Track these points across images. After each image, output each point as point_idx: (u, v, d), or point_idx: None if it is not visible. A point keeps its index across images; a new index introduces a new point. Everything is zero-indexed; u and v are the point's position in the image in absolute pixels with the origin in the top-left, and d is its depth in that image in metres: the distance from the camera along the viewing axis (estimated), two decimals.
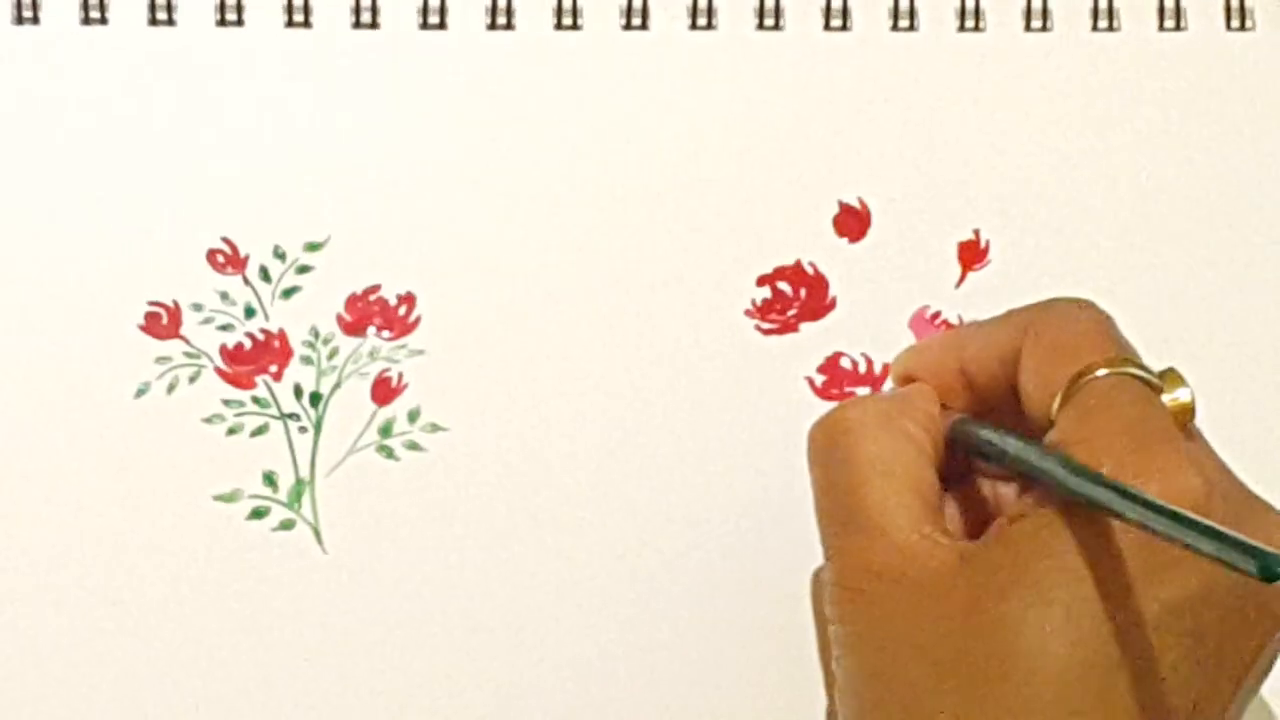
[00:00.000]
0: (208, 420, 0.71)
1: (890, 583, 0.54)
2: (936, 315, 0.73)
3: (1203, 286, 0.74)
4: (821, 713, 0.71)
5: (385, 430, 0.72)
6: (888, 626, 0.53)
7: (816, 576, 0.62)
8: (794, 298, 0.73)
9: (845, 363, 0.73)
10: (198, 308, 0.72)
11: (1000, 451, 0.57)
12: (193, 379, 0.71)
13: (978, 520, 0.60)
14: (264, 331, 0.72)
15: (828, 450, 0.60)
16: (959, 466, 0.62)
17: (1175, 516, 0.46)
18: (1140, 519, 0.47)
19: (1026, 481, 0.57)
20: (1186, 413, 0.56)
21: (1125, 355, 0.57)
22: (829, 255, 0.74)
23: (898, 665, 0.53)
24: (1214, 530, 0.44)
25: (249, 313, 0.72)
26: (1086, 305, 0.60)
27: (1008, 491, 0.62)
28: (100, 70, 0.72)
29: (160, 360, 0.71)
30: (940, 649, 0.52)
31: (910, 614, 0.53)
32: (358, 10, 0.73)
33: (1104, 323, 0.58)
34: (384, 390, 0.72)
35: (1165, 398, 0.56)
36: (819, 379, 0.73)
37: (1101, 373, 0.55)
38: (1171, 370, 0.58)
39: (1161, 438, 0.52)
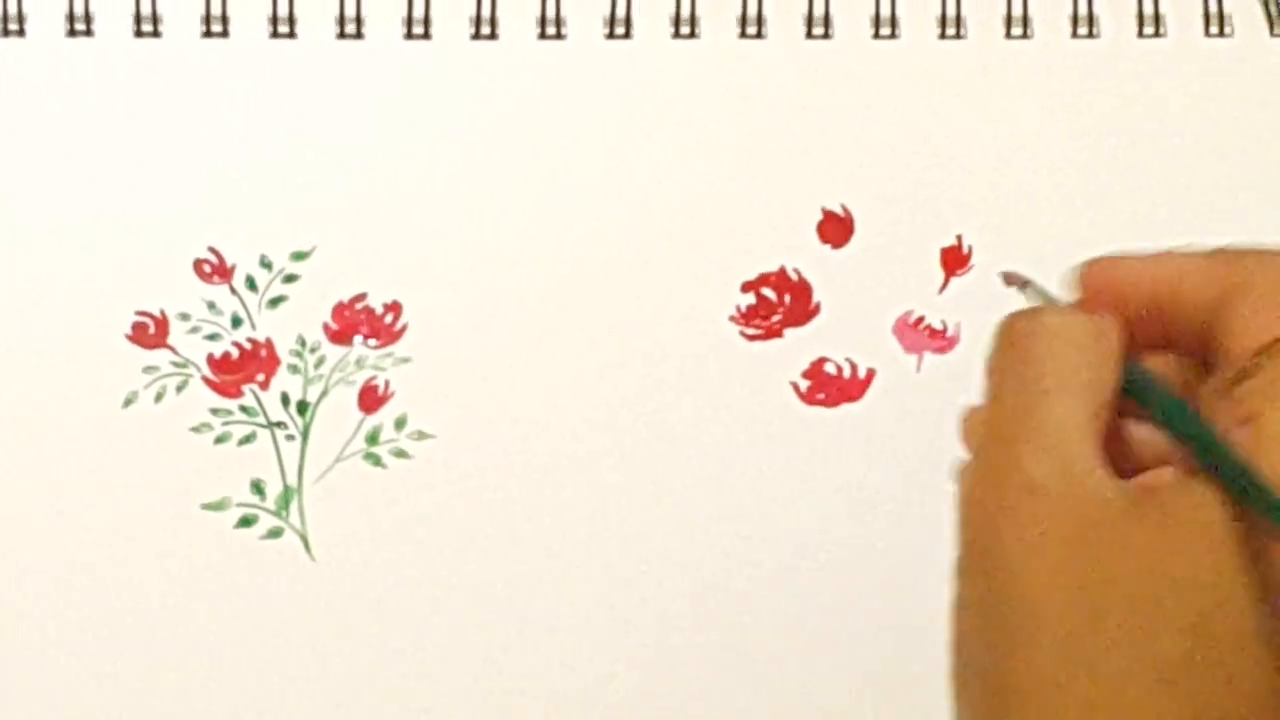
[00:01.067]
0: (195, 429, 0.72)
1: (1050, 504, 0.50)
2: (920, 320, 0.74)
3: None
4: (812, 709, 0.71)
5: (372, 438, 0.72)
6: (1037, 551, 0.51)
7: (959, 485, 0.58)
8: (778, 304, 0.74)
9: (830, 368, 0.74)
10: (185, 317, 0.72)
11: (1163, 411, 0.53)
12: (180, 388, 0.72)
13: (1122, 457, 0.57)
14: (251, 340, 0.72)
15: (1015, 351, 0.54)
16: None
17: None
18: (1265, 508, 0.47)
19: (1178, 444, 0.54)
20: None
21: None
22: (813, 261, 0.74)
23: (1044, 595, 0.50)
24: None
25: (236, 322, 0.72)
26: None
27: (1154, 439, 0.58)
28: (85, 81, 0.72)
29: (148, 370, 0.72)
30: (1102, 589, 0.49)
31: (1068, 543, 0.50)
32: (342, 21, 0.74)
33: None
34: (371, 398, 0.72)
35: None
36: (804, 384, 0.74)
37: None
38: None
39: None
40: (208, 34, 0.73)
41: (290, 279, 0.72)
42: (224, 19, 0.73)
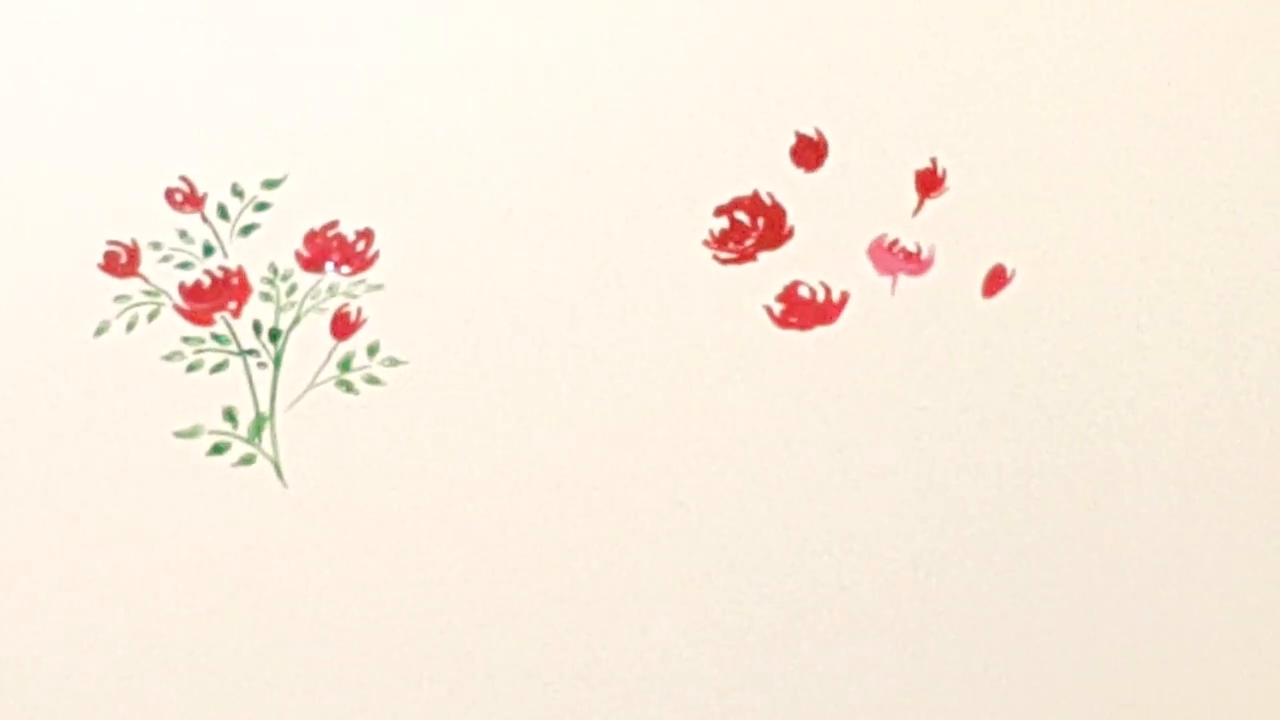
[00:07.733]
0: (167, 357, 0.72)
1: None
2: (895, 243, 0.73)
3: (1153, 208, 0.74)
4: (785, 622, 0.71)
5: (345, 365, 0.72)
6: None
7: None
8: (752, 227, 0.73)
9: (804, 291, 0.73)
10: (156, 246, 0.72)
11: None
12: (152, 317, 0.72)
13: None
14: (223, 269, 0.72)
15: None
16: None
17: None
18: None
19: None
20: None
21: None
22: (786, 185, 0.74)
23: None
24: None
25: (208, 250, 0.72)
26: None
27: None
28: (53, 7, 0.72)
29: (119, 299, 0.72)
30: None
31: None
32: None
33: None
34: (343, 325, 0.72)
35: None
36: (777, 308, 0.73)
37: None
38: None
39: None
40: None
41: (262, 207, 0.72)
42: None
